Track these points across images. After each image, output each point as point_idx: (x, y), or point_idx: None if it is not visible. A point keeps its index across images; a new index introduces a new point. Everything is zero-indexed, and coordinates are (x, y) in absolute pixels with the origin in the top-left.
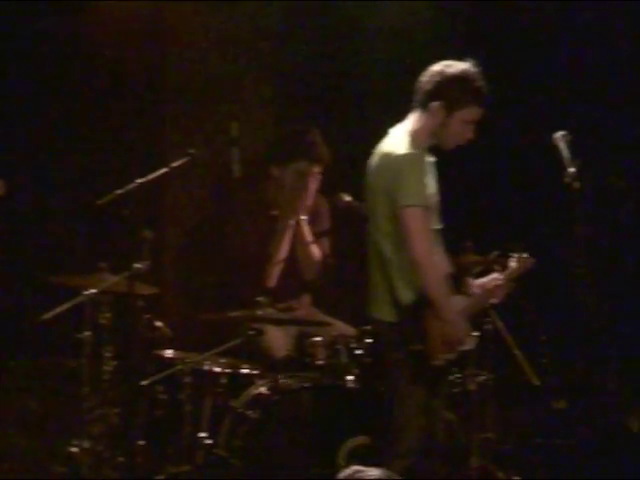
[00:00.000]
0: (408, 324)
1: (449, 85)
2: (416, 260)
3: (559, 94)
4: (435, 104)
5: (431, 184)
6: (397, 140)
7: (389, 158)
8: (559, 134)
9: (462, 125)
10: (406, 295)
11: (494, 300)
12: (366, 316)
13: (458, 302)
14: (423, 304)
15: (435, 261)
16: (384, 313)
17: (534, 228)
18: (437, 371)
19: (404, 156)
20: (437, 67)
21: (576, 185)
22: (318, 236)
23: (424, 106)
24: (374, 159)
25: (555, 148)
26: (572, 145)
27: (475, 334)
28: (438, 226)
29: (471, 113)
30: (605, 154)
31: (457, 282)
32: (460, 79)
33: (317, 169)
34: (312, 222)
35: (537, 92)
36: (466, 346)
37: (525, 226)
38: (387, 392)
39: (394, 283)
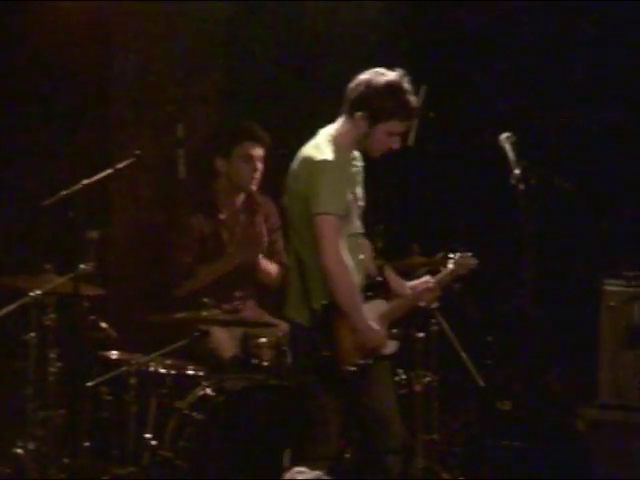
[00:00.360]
0: (318, 329)
1: (373, 97)
2: (326, 267)
3: (505, 95)
4: (358, 114)
5: (355, 190)
6: (318, 144)
7: (307, 163)
8: (504, 135)
9: (386, 136)
10: (319, 300)
11: (422, 303)
12: (284, 318)
13: (377, 307)
14: (333, 310)
15: (346, 269)
16: (300, 316)
17: (480, 230)
18: (350, 377)
19: (320, 162)
20: (365, 76)
21: (521, 187)
22: (270, 234)
23: (349, 114)
24: (295, 162)
25: (501, 150)
26: (517, 147)
27: (395, 340)
28: (359, 231)
29: (395, 126)
30: (551, 156)
31: (382, 285)
32: (385, 91)
33: (260, 151)
34: (264, 222)
35: (484, 93)
36: (386, 350)
37: (471, 228)
38: (303, 395)
39: (309, 287)
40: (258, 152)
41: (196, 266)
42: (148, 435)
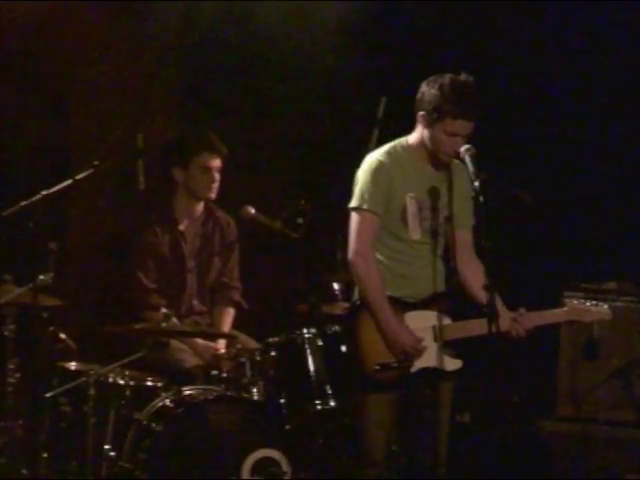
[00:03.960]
0: (345, 325)
1: (429, 96)
2: (349, 261)
3: None
4: (419, 114)
5: (421, 194)
6: (383, 146)
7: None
8: (464, 148)
9: (446, 136)
10: (354, 296)
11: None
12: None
13: (430, 317)
14: (362, 308)
15: (371, 266)
16: None
17: None
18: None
19: (365, 161)
20: (429, 78)
21: (481, 199)
22: (227, 248)
23: (416, 116)
24: None
25: (461, 162)
26: (477, 159)
27: (457, 360)
28: (421, 239)
29: (451, 125)
30: (511, 168)
31: (446, 299)
32: (437, 90)
33: (218, 162)
34: (220, 237)
35: None
36: (433, 364)
37: None
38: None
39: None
40: (216, 163)
41: (155, 294)
42: (107, 446)
